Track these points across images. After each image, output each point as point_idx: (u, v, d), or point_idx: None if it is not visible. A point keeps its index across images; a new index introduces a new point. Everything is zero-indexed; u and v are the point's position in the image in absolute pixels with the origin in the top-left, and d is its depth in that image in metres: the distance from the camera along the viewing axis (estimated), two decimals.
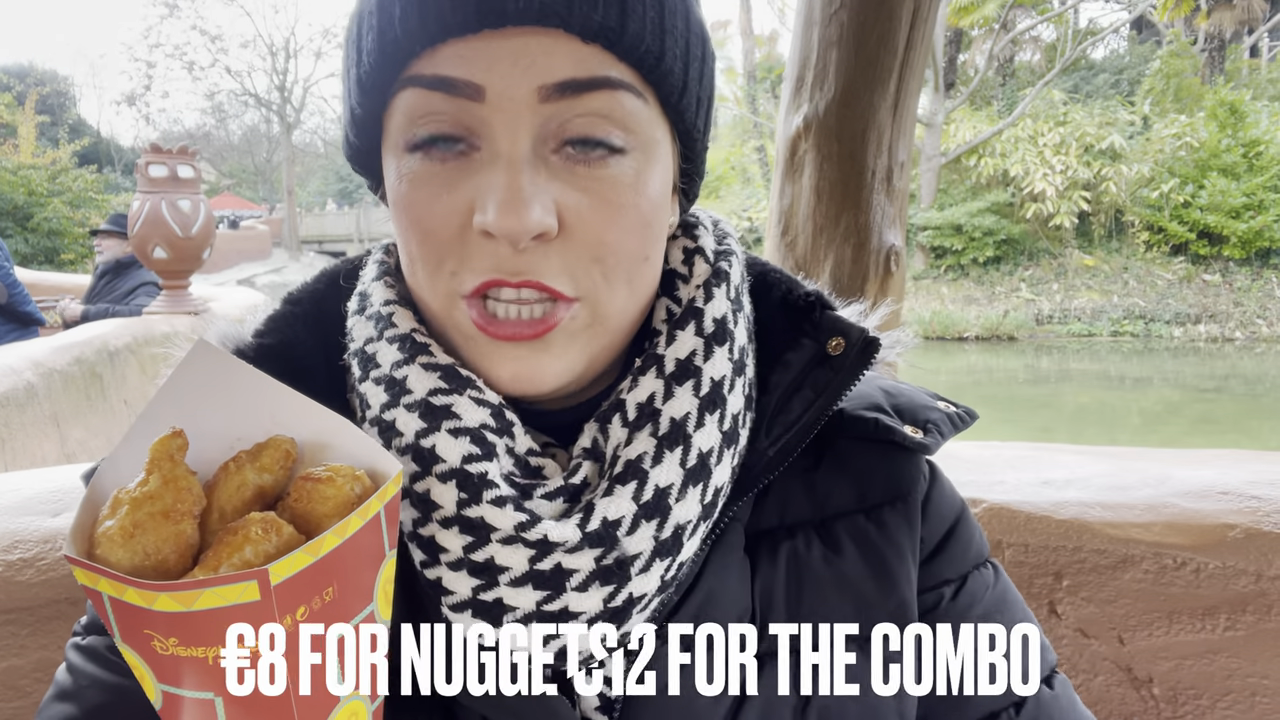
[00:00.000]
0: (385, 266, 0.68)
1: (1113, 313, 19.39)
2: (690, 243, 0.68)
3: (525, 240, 0.54)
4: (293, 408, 0.49)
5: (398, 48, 0.54)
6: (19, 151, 20.51)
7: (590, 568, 0.56)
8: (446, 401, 0.58)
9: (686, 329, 0.62)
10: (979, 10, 23.05)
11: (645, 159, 0.58)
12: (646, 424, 0.59)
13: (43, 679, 1.12)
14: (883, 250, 2.47)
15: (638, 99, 0.56)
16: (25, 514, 1.19)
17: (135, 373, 4.64)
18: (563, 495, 0.59)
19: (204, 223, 5.22)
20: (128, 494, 0.44)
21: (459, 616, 0.57)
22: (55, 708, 0.63)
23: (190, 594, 0.40)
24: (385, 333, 0.62)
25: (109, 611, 0.42)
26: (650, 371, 0.61)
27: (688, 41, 0.58)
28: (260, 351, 0.66)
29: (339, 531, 0.43)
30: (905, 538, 0.68)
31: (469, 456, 0.56)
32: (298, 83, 42.54)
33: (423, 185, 0.57)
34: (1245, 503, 1.16)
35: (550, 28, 0.53)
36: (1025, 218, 20.91)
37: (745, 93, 27.62)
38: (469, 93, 0.54)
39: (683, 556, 0.60)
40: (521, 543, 0.55)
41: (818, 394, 0.66)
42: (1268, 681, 1.14)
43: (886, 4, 2.37)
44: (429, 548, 0.57)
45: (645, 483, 0.58)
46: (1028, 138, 21.25)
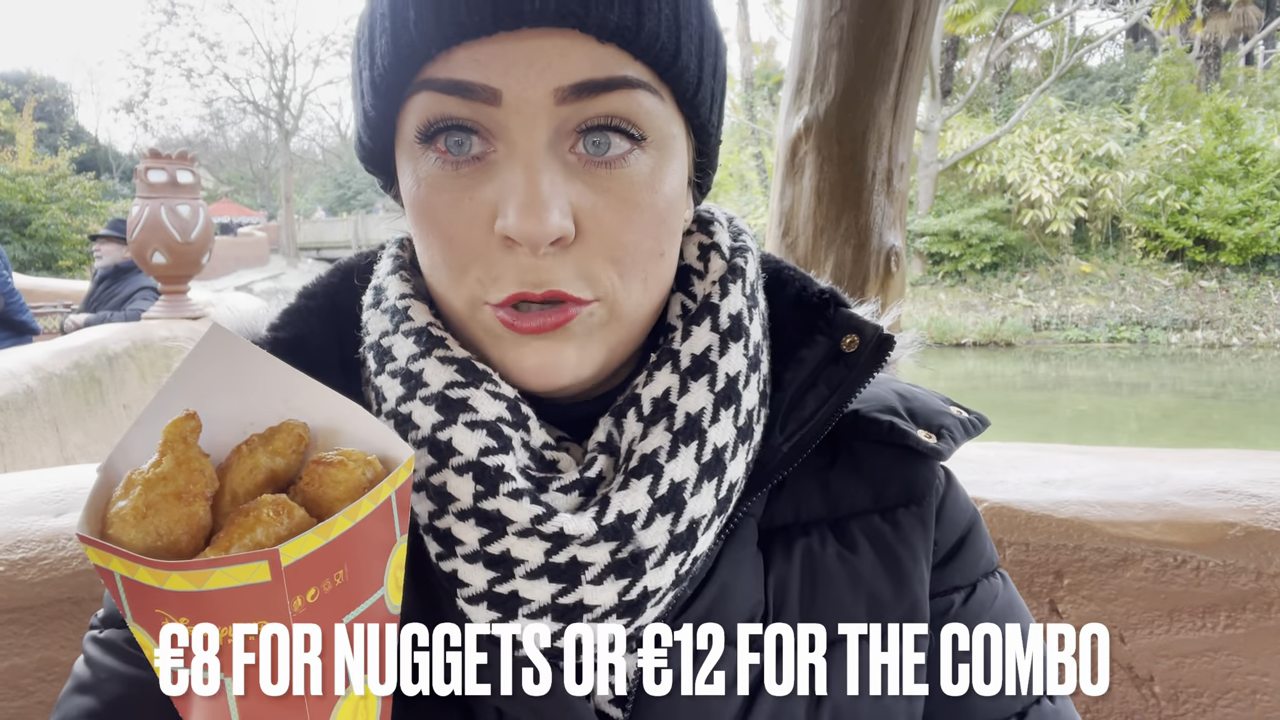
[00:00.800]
0: (400, 260, 0.68)
1: (1110, 319, 19.41)
2: (706, 238, 0.68)
3: (545, 245, 0.54)
4: (306, 393, 0.49)
5: (412, 50, 0.54)
6: (17, 158, 20.52)
7: (606, 561, 0.56)
8: (463, 395, 0.58)
9: (702, 324, 0.62)
10: (975, 18, 23.12)
11: (662, 156, 0.58)
12: (662, 419, 0.60)
13: (45, 678, 1.12)
14: (883, 251, 2.48)
15: (654, 97, 0.56)
16: (28, 514, 1.19)
17: (134, 377, 4.64)
18: (578, 489, 0.59)
19: (203, 228, 5.23)
20: (140, 475, 0.44)
21: (474, 609, 0.57)
22: (74, 700, 0.63)
23: (202, 573, 0.41)
24: (401, 326, 0.62)
25: (121, 591, 0.43)
26: (666, 367, 0.61)
27: (702, 37, 0.58)
28: (274, 345, 0.66)
29: (350, 514, 0.44)
30: (919, 540, 0.68)
31: (485, 449, 0.57)
32: (296, 90, 42.59)
33: (443, 190, 0.56)
34: (1245, 501, 1.17)
35: (566, 28, 0.52)
36: (1022, 224, 20.94)
37: (743, 100, 27.67)
38: (485, 97, 0.54)
39: (697, 551, 0.60)
40: (538, 535, 0.55)
41: (832, 390, 0.66)
42: (1268, 679, 1.14)
43: (886, 7, 2.39)
44: (445, 540, 0.57)
45: (660, 477, 0.58)
46: (1024, 144, 21.29)
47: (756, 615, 0.63)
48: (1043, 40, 27.16)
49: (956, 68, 26.17)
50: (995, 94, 26.47)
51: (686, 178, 0.63)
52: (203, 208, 5.30)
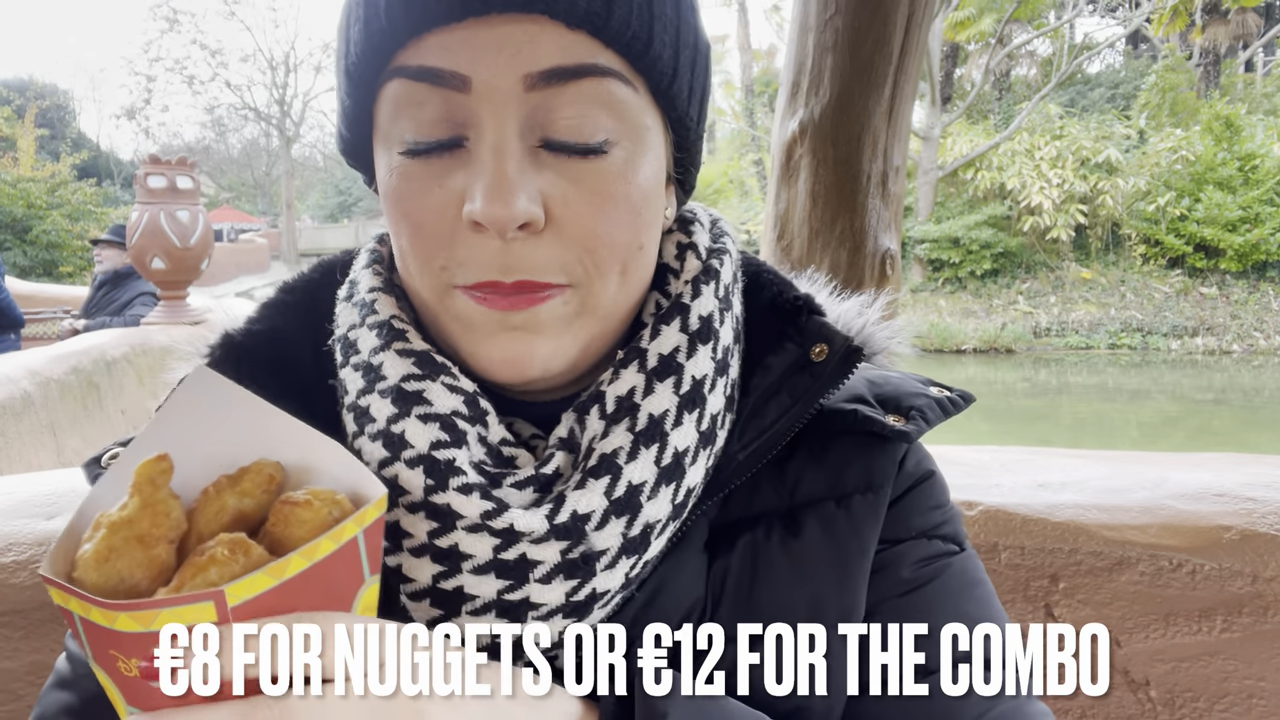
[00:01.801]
0: (376, 255, 0.68)
1: (1110, 325, 19.42)
2: (684, 238, 0.68)
3: (512, 229, 0.54)
4: (282, 431, 0.49)
5: (383, 38, 0.54)
6: (18, 165, 20.58)
7: (555, 560, 0.55)
8: (418, 387, 0.58)
9: (672, 324, 0.61)
10: (975, 25, 23.19)
11: (634, 148, 0.57)
12: (624, 418, 0.59)
13: (35, 682, 1.12)
14: (878, 254, 2.48)
15: (626, 86, 0.56)
16: (19, 517, 1.19)
17: (132, 382, 4.64)
18: (533, 485, 0.58)
19: (202, 233, 5.24)
20: (107, 518, 0.44)
21: (416, 605, 0.57)
22: (54, 695, 0.63)
23: (149, 614, 0.40)
24: (367, 319, 0.62)
25: (80, 632, 0.42)
26: (632, 365, 0.60)
27: (678, 29, 0.57)
28: (249, 337, 0.66)
29: (307, 554, 0.43)
30: (870, 531, 0.65)
31: (437, 443, 0.56)
32: (297, 97, 42.68)
33: (414, 179, 0.56)
34: (1241, 504, 1.16)
35: (535, 14, 0.52)
36: (1022, 231, 20.97)
37: (743, 106, 27.73)
38: (455, 84, 0.54)
39: (649, 555, 0.59)
40: (487, 531, 0.55)
41: (794, 400, 0.64)
42: (1264, 684, 1.13)
43: (881, 10, 2.39)
44: (392, 534, 0.57)
45: (618, 478, 0.57)
46: (1024, 151, 21.33)
47: (693, 613, 0.61)
48: (1042, 47, 27.21)
49: (956, 75, 26.24)
50: (995, 101, 26.52)
51: (665, 172, 0.62)
52: (202, 213, 5.31)
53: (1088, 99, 27.74)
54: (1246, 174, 20.02)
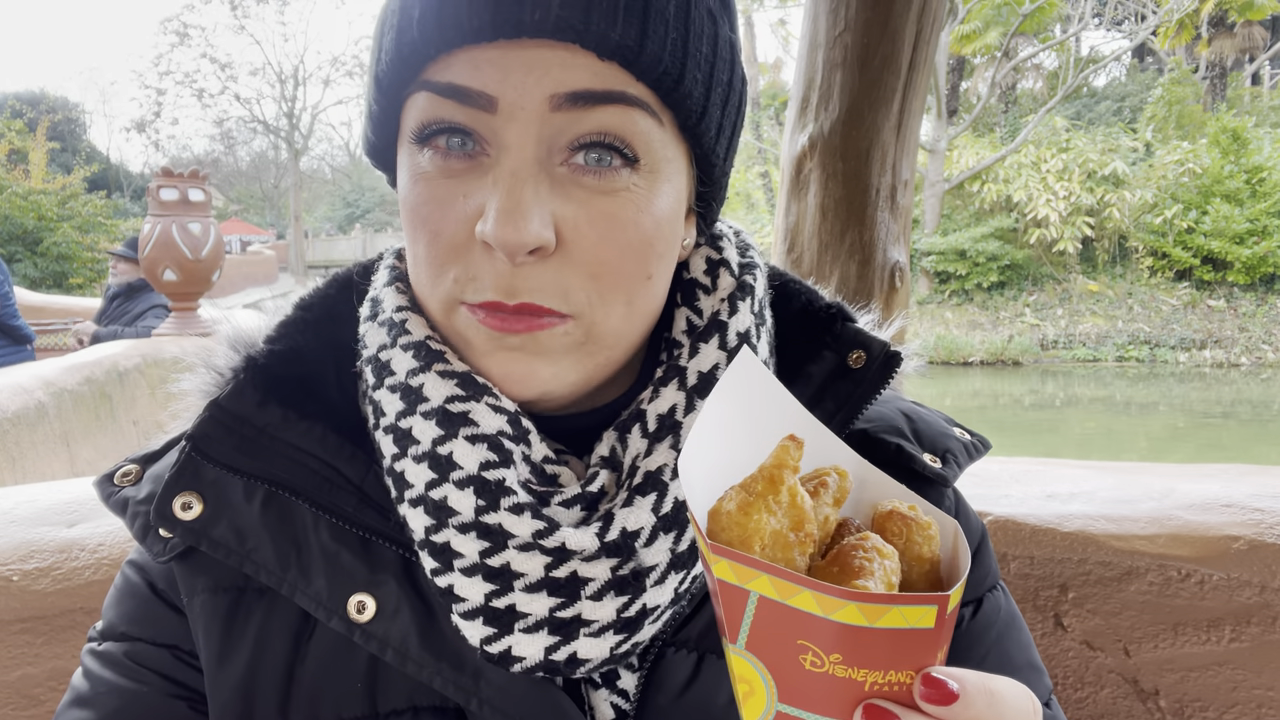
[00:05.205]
0: (397, 272, 0.68)
1: (1118, 338, 19.35)
2: (714, 253, 0.68)
3: (521, 254, 0.54)
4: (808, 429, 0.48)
5: (414, 50, 0.54)
6: (30, 177, 20.69)
7: (606, 577, 0.56)
8: (464, 408, 0.58)
9: (710, 342, 0.62)
10: (981, 38, 23.23)
11: (654, 178, 0.57)
12: (667, 435, 0.59)
13: (56, 688, 1.13)
14: (887, 266, 2.50)
15: (652, 119, 0.56)
16: (41, 524, 1.20)
17: (144, 393, 4.66)
18: (580, 503, 0.59)
19: (214, 245, 5.27)
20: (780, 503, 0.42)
21: (469, 624, 0.57)
22: (72, 713, 0.62)
23: (879, 609, 0.37)
24: (399, 340, 0.62)
25: (747, 611, 0.39)
26: (672, 383, 0.61)
27: (713, 65, 0.57)
28: (271, 358, 0.65)
29: (957, 593, 0.39)
30: None
31: (486, 463, 0.57)
32: (306, 110, 42.91)
33: (434, 187, 0.57)
34: (1249, 515, 1.17)
35: (567, 42, 0.52)
36: (1029, 243, 20.93)
37: (750, 119, 27.79)
38: (481, 103, 0.54)
39: (698, 570, 0.59)
40: (539, 549, 0.55)
41: (839, 406, 0.65)
42: (1273, 693, 1.14)
43: (890, 26, 2.41)
44: (442, 554, 0.57)
45: (665, 495, 0.58)
46: (1031, 164, 21.31)
47: None
48: (1048, 61, 27.25)
49: (962, 88, 26.26)
50: (1001, 114, 26.53)
51: (684, 205, 0.62)
52: (214, 226, 5.34)
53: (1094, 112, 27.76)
54: (1254, 187, 19.98)
